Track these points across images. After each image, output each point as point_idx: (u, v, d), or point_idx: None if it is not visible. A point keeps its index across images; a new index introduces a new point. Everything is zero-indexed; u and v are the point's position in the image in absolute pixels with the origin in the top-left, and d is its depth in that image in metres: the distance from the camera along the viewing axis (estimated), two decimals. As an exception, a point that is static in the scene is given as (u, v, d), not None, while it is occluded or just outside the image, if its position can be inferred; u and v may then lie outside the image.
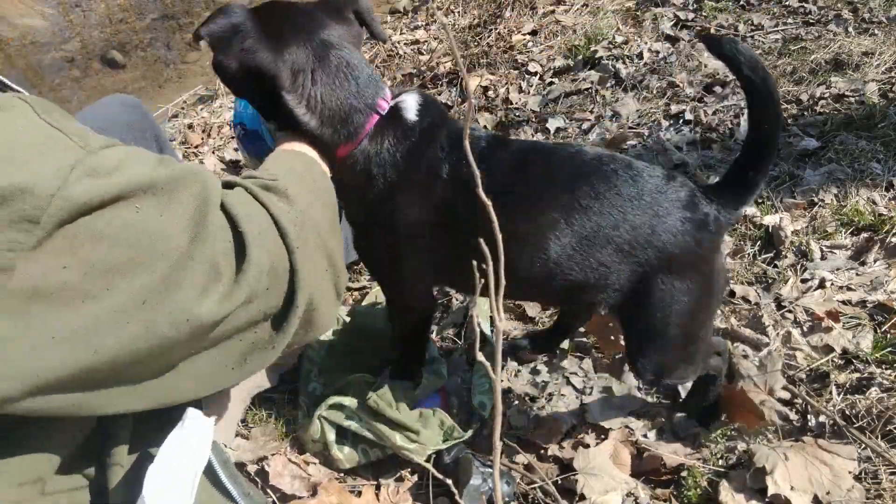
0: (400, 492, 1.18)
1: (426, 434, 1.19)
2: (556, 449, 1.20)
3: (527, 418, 1.28)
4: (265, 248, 0.72)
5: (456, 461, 1.17)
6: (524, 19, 2.94)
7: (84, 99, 3.38)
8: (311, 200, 0.84)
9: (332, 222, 0.88)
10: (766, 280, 1.46)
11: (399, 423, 1.18)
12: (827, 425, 1.12)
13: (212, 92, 3.16)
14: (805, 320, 1.33)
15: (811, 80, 2.07)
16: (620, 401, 1.26)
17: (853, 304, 1.35)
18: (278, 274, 0.74)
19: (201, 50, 3.69)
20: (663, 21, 2.62)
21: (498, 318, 0.49)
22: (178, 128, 2.80)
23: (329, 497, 1.15)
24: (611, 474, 1.11)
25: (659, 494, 1.11)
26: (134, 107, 1.38)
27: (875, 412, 1.10)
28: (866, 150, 1.74)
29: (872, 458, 1.06)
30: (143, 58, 3.74)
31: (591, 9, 2.87)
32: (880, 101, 1.90)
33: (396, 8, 3.50)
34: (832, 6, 2.44)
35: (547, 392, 1.32)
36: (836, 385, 1.19)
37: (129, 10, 4.25)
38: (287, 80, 0.92)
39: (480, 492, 1.11)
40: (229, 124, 2.62)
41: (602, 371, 1.34)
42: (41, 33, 4.11)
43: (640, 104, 2.21)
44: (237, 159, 2.50)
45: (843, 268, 1.43)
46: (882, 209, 1.55)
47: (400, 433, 1.18)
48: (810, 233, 1.54)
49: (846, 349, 1.25)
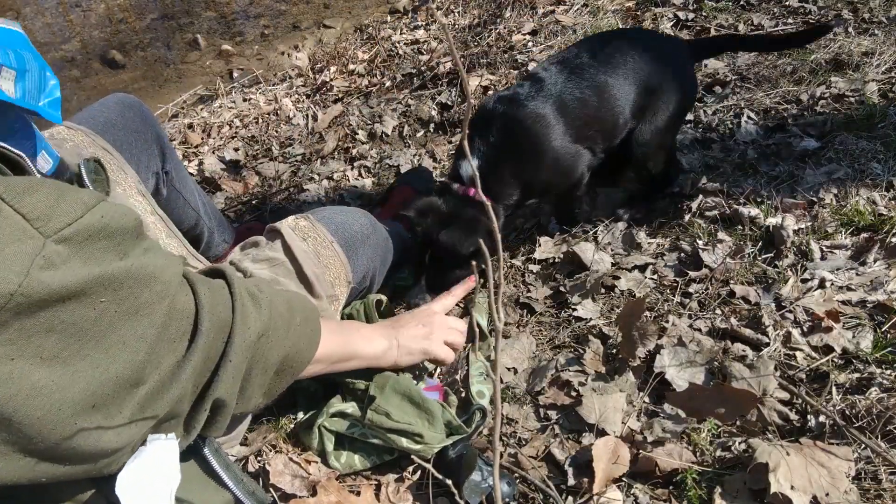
0: (400, 491, 1.19)
1: (430, 435, 1.19)
2: (556, 448, 1.20)
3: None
4: (207, 350, 0.74)
5: (460, 456, 1.17)
6: (524, 19, 2.94)
7: (84, 99, 3.38)
8: (281, 331, 0.87)
9: (282, 359, 0.89)
10: (766, 280, 1.46)
11: (401, 431, 1.18)
12: (827, 425, 1.12)
13: (212, 92, 3.17)
14: (805, 320, 1.33)
15: (811, 80, 2.07)
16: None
17: (853, 304, 1.35)
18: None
19: (202, 50, 3.69)
20: (663, 21, 2.62)
21: (498, 318, 0.49)
22: (178, 128, 2.81)
23: (329, 496, 1.15)
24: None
25: (659, 494, 1.11)
26: (134, 107, 1.37)
27: (875, 412, 1.10)
28: (866, 150, 1.74)
29: (872, 458, 1.06)
30: (143, 58, 3.74)
31: (591, 9, 2.87)
32: (880, 101, 1.90)
33: (396, 8, 3.50)
34: (832, 6, 2.44)
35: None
36: (836, 385, 1.19)
37: (129, 10, 4.25)
38: None
39: (481, 488, 1.11)
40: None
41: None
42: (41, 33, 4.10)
43: (640, 104, 2.21)
44: (237, 159, 2.50)
45: (843, 268, 1.43)
46: (882, 209, 1.55)
47: (406, 438, 1.18)
48: (810, 233, 1.54)
49: (846, 349, 1.25)
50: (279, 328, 0.86)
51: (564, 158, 1.51)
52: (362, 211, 1.34)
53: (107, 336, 0.61)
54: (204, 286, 0.77)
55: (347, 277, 1.23)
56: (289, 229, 1.18)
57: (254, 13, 4.02)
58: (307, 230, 1.20)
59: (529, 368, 1.40)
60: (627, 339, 1.34)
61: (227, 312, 0.78)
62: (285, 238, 1.16)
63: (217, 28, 3.93)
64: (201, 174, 2.41)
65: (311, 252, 1.17)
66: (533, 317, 1.54)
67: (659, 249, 1.63)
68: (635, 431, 1.20)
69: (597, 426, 1.21)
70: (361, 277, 1.30)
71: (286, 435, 1.32)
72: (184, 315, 0.72)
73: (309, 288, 1.15)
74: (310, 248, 1.17)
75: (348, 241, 1.24)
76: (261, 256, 1.17)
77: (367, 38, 3.23)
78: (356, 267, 1.25)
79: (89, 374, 0.60)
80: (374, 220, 1.35)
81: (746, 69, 2.21)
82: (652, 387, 1.27)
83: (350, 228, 1.26)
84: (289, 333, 0.89)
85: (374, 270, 1.35)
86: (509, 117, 1.47)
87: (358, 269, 1.26)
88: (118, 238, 0.64)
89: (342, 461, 1.22)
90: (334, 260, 1.20)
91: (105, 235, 0.62)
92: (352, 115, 2.59)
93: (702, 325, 1.38)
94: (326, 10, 3.87)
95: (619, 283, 1.54)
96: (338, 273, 1.20)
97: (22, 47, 1.06)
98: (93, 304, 0.59)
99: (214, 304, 0.76)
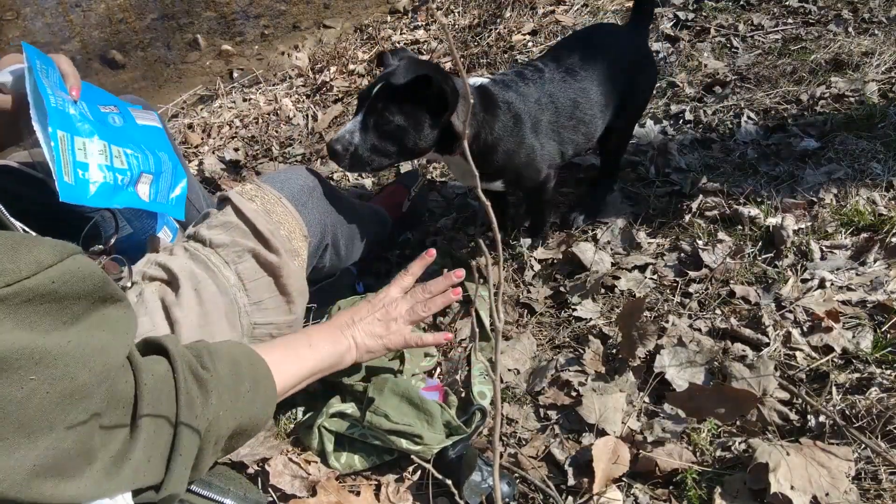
0: (400, 491, 1.19)
1: (429, 436, 1.19)
2: (556, 448, 1.20)
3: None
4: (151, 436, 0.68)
5: (460, 456, 1.17)
6: (524, 19, 2.94)
7: (84, 99, 3.37)
8: (221, 412, 0.80)
9: (235, 428, 0.83)
10: (766, 280, 1.46)
11: (400, 432, 1.18)
12: (827, 425, 1.12)
13: (211, 92, 3.16)
14: (805, 320, 1.33)
15: (811, 80, 2.07)
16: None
17: (853, 304, 1.35)
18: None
19: (201, 50, 3.69)
20: (663, 21, 2.62)
21: (498, 318, 0.49)
22: (178, 128, 2.81)
23: (328, 497, 1.15)
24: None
25: (659, 494, 1.11)
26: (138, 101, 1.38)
27: (875, 412, 1.10)
28: (866, 150, 1.74)
29: (872, 458, 1.06)
30: (143, 58, 3.74)
31: (591, 9, 2.87)
32: (880, 101, 1.90)
33: (396, 8, 3.50)
34: (832, 6, 2.44)
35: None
36: (836, 385, 1.19)
37: (129, 10, 4.25)
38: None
39: (481, 488, 1.11)
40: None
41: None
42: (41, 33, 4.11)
43: (640, 104, 2.21)
44: (237, 159, 2.50)
45: (843, 268, 1.43)
46: (882, 209, 1.55)
47: (406, 439, 1.19)
48: (810, 233, 1.54)
49: (846, 349, 1.25)
50: (227, 404, 0.80)
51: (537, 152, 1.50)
52: (304, 167, 1.35)
53: (33, 421, 0.53)
54: (147, 374, 0.70)
55: (303, 231, 1.23)
56: (236, 194, 1.20)
57: (254, 13, 4.02)
58: (253, 191, 1.21)
59: (530, 369, 1.40)
60: (627, 339, 1.34)
61: (170, 405, 0.72)
62: (234, 202, 1.18)
63: (217, 28, 3.93)
64: (201, 174, 2.41)
65: (262, 210, 1.18)
66: (533, 317, 1.54)
67: (659, 249, 1.63)
68: (635, 431, 1.20)
69: (597, 426, 1.21)
70: (320, 233, 1.29)
71: (286, 435, 1.32)
72: (121, 404, 0.65)
73: (265, 244, 1.16)
74: (259, 206, 1.19)
75: (295, 195, 1.24)
76: (215, 223, 1.18)
77: (367, 38, 3.23)
78: (309, 221, 1.25)
79: (2, 462, 0.52)
80: (319, 175, 1.35)
81: (746, 69, 2.21)
82: (652, 387, 1.27)
83: (295, 183, 1.27)
84: (238, 405, 0.83)
85: (333, 227, 1.33)
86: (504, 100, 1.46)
87: (312, 223, 1.26)
88: (67, 303, 0.56)
89: (342, 461, 1.22)
90: (286, 216, 1.20)
91: (52, 300, 0.55)
92: (352, 115, 2.59)
93: (702, 325, 1.38)
94: (326, 10, 3.87)
95: (619, 283, 1.54)
96: (292, 228, 1.21)
97: (160, 145, 1.12)
98: (20, 382, 0.52)
99: (157, 396, 0.70)
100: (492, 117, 1.39)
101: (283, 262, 1.17)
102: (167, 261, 1.13)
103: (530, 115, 1.44)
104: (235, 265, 1.14)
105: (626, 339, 1.33)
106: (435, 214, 1.98)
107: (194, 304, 1.08)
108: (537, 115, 1.45)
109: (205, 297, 1.09)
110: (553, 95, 1.48)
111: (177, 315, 1.05)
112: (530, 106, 1.44)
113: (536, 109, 1.45)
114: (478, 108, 1.37)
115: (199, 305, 1.08)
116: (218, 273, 1.12)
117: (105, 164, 0.98)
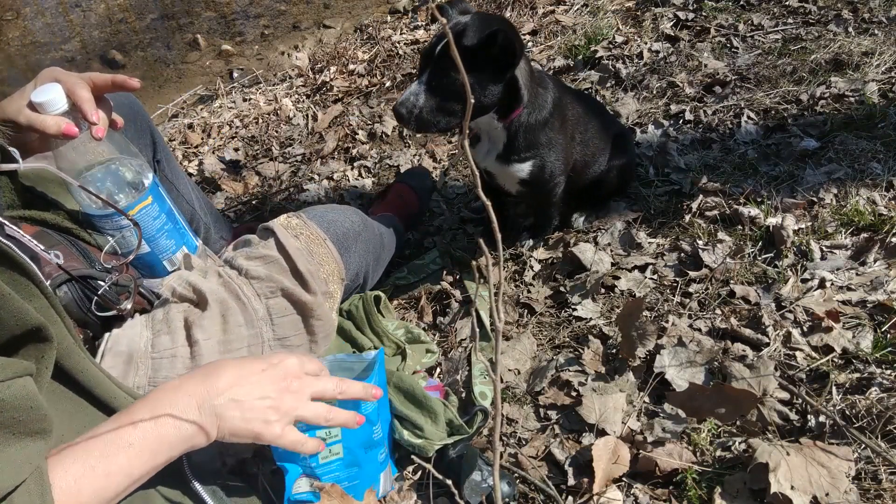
0: (402, 490, 1.19)
1: (430, 430, 1.19)
2: (556, 448, 1.20)
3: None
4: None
5: (460, 456, 1.17)
6: (524, 19, 2.94)
7: (84, 99, 3.37)
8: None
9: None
10: (766, 280, 1.46)
11: (404, 418, 1.19)
12: (827, 425, 1.12)
13: (211, 92, 3.17)
14: (805, 320, 1.33)
15: (811, 80, 2.07)
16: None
17: (853, 304, 1.35)
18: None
19: (201, 50, 3.69)
20: (663, 21, 2.62)
21: (498, 318, 0.49)
22: (178, 128, 2.81)
23: (331, 501, 1.15)
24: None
25: (659, 494, 1.11)
26: (127, 95, 1.37)
27: (875, 412, 1.10)
28: (866, 150, 1.74)
29: (872, 458, 1.06)
30: (143, 58, 3.74)
31: (591, 9, 2.87)
32: (880, 101, 1.90)
33: (396, 8, 3.50)
34: (832, 6, 2.44)
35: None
36: (836, 385, 1.19)
37: (129, 10, 4.26)
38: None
39: (481, 488, 1.11)
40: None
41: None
42: (41, 33, 4.11)
43: (640, 104, 2.21)
44: (237, 159, 2.50)
45: (843, 268, 1.43)
46: (882, 209, 1.55)
47: (408, 430, 1.19)
48: (810, 233, 1.54)
49: (846, 349, 1.25)
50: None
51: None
52: (353, 208, 1.35)
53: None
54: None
55: (341, 274, 1.23)
56: (281, 227, 1.19)
57: (254, 13, 4.02)
58: (299, 228, 1.20)
59: (530, 369, 1.40)
60: (627, 339, 1.34)
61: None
62: (278, 236, 1.17)
63: (217, 28, 3.94)
64: (201, 174, 2.41)
65: (304, 249, 1.17)
66: (533, 317, 1.54)
67: (659, 249, 1.63)
68: (635, 431, 1.20)
69: (597, 426, 1.22)
70: (355, 275, 1.29)
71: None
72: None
73: (304, 284, 1.15)
74: (302, 245, 1.17)
75: (340, 238, 1.24)
76: (254, 254, 1.17)
77: (367, 38, 3.23)
78: (349, 264, 1.25)
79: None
80: (365, 218, 1.35)
81: (746, 69, 2.21)
82: (652, 387, 1.27)
83: (342, 226, 1.26)
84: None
85: (367, 268, 1.34)
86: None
87: (351, 266, 1.26)
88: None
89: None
90: (327, 257, 1.20)
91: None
92: (352, 115, 2.59)
93: (702, 325, 1.38)
94: (326, 10, 3.87)
95: (619, 283, 1.54)
96: (331, 270, 1.20)
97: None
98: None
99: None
100: (545, 90, 1.43)
101: (318, 302, 1.15)
102: (199, 282, 1.12)
103: (567, 114, 1.51)
104: (267, 299, 1.13)
105: (626, 339, 1.34)
106: (435, 214, 1.98)
107: (219, 329, 1.07)
108: (573, 117, 1.53)
109: (230, 326, 1.08)
110: (581, 113, 1.56)
111: (197, 336, 1.04)
112: (568, 107, 1.52)
113: (573, 113, 1.53)
114: (532, 83, 1.39)
115: (223, 333, 1.07)
116: (248, 305, 1.11)
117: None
